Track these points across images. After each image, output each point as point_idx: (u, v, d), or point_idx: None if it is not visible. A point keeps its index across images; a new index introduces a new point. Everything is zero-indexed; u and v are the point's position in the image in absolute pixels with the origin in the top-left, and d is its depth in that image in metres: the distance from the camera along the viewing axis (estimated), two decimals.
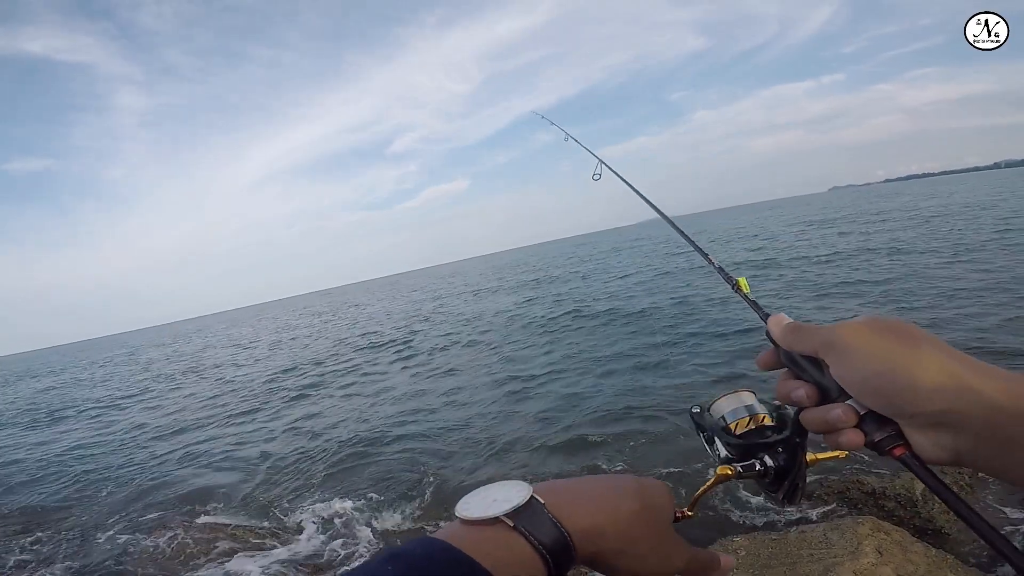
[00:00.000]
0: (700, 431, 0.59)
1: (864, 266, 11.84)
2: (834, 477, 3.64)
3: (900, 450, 0.40)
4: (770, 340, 0.51)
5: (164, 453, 8.04)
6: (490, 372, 8.91)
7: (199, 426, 9.46)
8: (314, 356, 15.32)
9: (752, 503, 3.67)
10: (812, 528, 2.81)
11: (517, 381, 7.93)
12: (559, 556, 0.40)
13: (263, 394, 11.15)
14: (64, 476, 7.78)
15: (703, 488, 0.54)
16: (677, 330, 8.97)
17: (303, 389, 10.79)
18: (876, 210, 31.57)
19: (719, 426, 0.57)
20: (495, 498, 0.42)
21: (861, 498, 3.35)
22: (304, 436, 7.47)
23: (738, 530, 3.38)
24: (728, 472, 0.52)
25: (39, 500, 6.88)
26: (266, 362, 16.57)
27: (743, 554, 2.66)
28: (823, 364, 0.44)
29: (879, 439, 0.41)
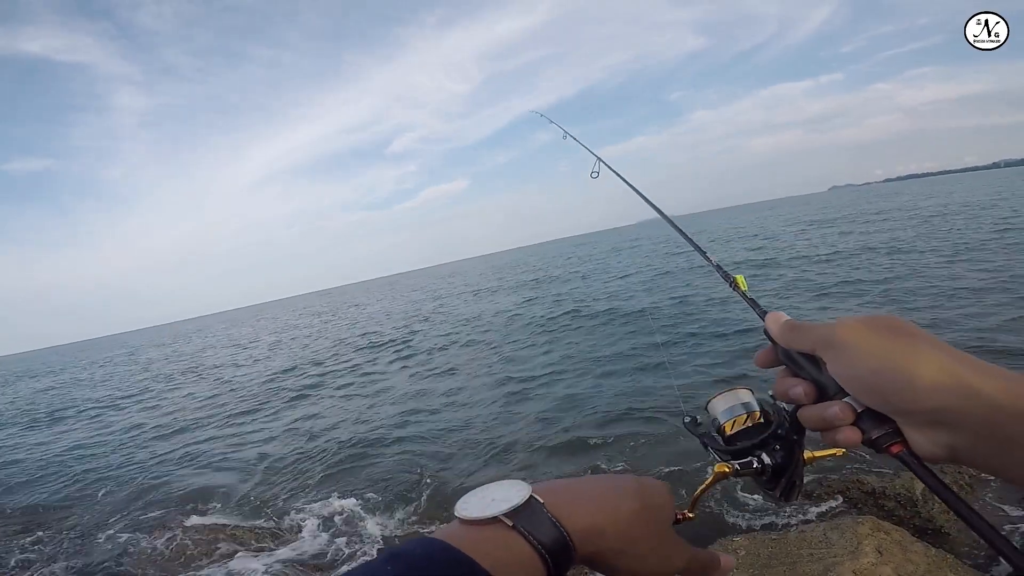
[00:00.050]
0: (696, 436, 0.59)
1: (864, 265, 11.84)
2: (834, 477, 3.64)
3: (897, 447, 0.40)
4: (768, 338, 0.51)
5: (164, 453, 8.04)
6: (490, 372, 8.91)
7: (199, 426, 9.45)
8: (314, 356, 15.32)
9: (752, 503, 3.67)
10: (812, 528, 2.81)
11: (517, 381, 7.93)
12: (558, 556, 0.40)
13: (263, 394, 11.14)
14: (64, 476, 7.78)
15: (702, 487, 0.54)
16: (677, 330, 8.97)
17: (303, 389, 10.79)
18: (876, 210, 31.59)
19: (712, 427, 0.57)
20: (494, 498, 0.42)
21: (861, 498, 3.36)
22: (304, 436, 7.46)
23: (738, 530, 3.38)
24: (726, 470, 0.52)
25: (39, 500, 6.88)
26: (266, 362, 16.57)
27: (743, 554, 2.66)
28: (821, 362, 0.44)
29: (876, 436, 0.41)
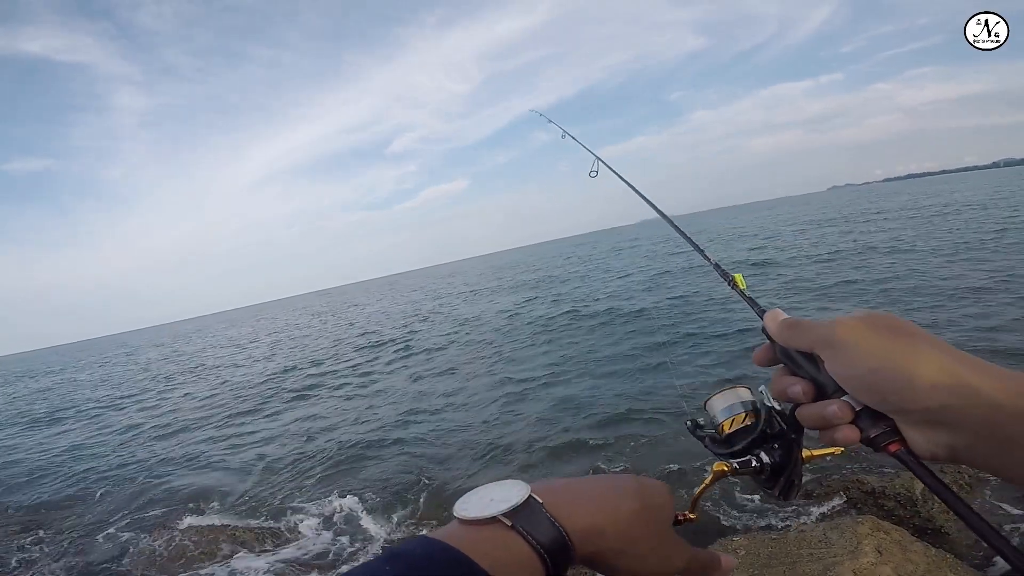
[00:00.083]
0: (697, 438, 0.59)
1: (864, 265, 11.84)
2: (834, 476, 3.65)
3: (895, 446, 0.40)
4: (766, 336, 0.51)
5: (163, 453, 8.04)
6: (489, 372, 8.91)
7: (198, 426, 9.45)
8: (313, 356, 15.31)
9: (751, 503, 3.67)
10: (812, 528, 2.81)
11: (516, 382, 7.92)
12: (557, 556, 0.40)
13: (262, 394, 11.14)
14: (64, 476, 7.79)
15: (701, 487, 0.54)
16: (677, 329, 8.97)
17: (302, 390, 10.79)
18: (876, 209, 31.60)
19: (710, 427, 0.57)
20: (493, 498, 0.42)
21: (861, 497, 3.36)
22: (303, 436, 7.46)
23: (737, 530, 3.38)
24: (724, 468, 0.52)
25: (40, 499, 6.89)
26: (265, 362, 16.57)
27: (743, 554, 2.66)
28: (819, 360, 0.44)
29: (874, 435, 0.41)
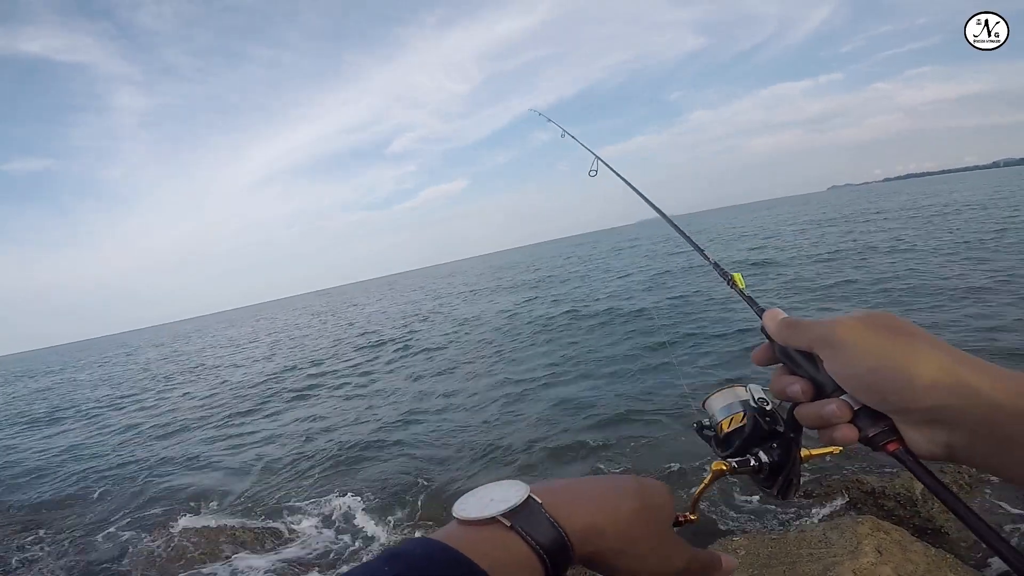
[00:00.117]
0: (704, 439, 0.60)
1: (864, 265, 11.84)
2: (834, 476, 3.64)
3: (894, 445, 0.40)
4: (765, 335, 0.51)
5: (163, 453, 8.04)
6: (489, 373, 8.90)
7: (198, 426, 9.45)
8: (313, 356, 15.31)
9: (751, 503, 3.67)
10: (812, 527, 2.81)
11: (516, 382, 7.92)
12: (556, 556, 0.40)
13: (262, 394, 11.14)
14: (64, 475, 7.79)
15: (701, 487, 0.54)
16: (677, 329, 8.97)
17: (301, 390, 10.78)
18: (876, 209, 31.60)
19: (711, 425, 0.57)
20: (492, 498, 0.42)
21: (861, 497, 3.36)
22: (303, 436, 7.46)
23: (737, 530, 3.38)
24: (723, 468, 0.52)
25: (40, 499, 6.89)
26: (265, 362, 16.56)
27: (743, 553, 2.66)
28: (818, 359, 0.44)
29: (873, 434, 0.41)
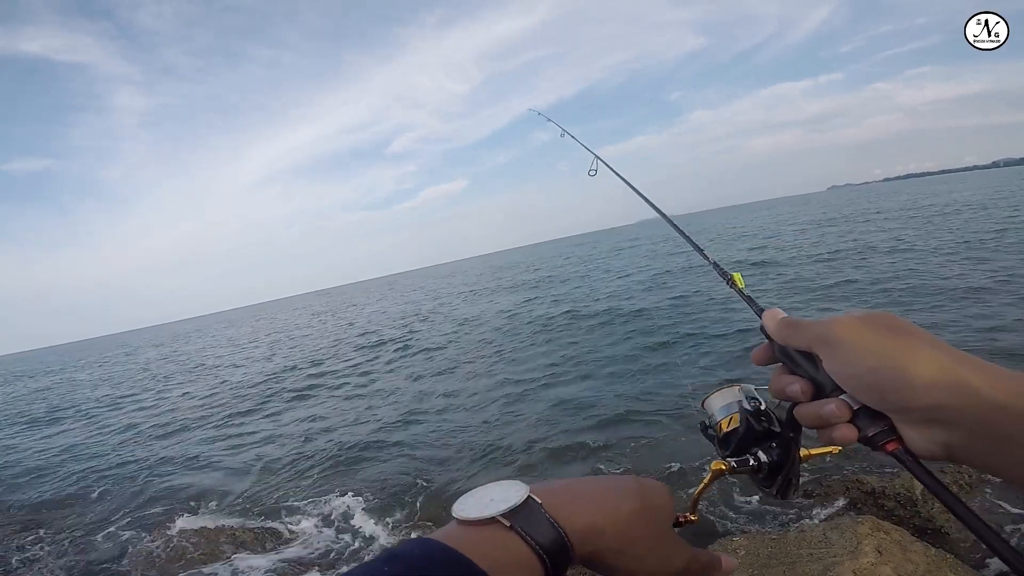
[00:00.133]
0: (708, 438, 0.60)
1: (864, 265, 11.84)
2: (834, 476, 3.64)
3: (893, 445, 0.40)
4: (765, 335, 0.51)
5: (163, 453, 8.04)
6: (489, 373, 8.90)
7: (198, 426, 9.45)
8: (312, 356, 15.30)
9: (751, 503, 3.67)
10: (812, 528, 2.81)
11: (516, 382, 7.92)
12: (556, 556, 0.40)
13: (261, 394, 11.14)
14: (64, 475, 7.79)
15: (701, 487, 0.54)
16: (677, 330, 8.97)
17: (301, 390, 10.78)
18: (876, 209, 31.59)
19: (711, 425, 0.57)
20: (492, 498, 0.42)
21: (861, 497, 3.35)
22: (302, 437, 7.46)
23: (737, 530, 3.38)
24: (722, 467, 0.52)
25: (40, 499, 6.89)
26: (264, 362, 16.56)
27: (742, 554, 2.66)
28: (817, 359, 0.44)
29: (872, 434, 0.41)
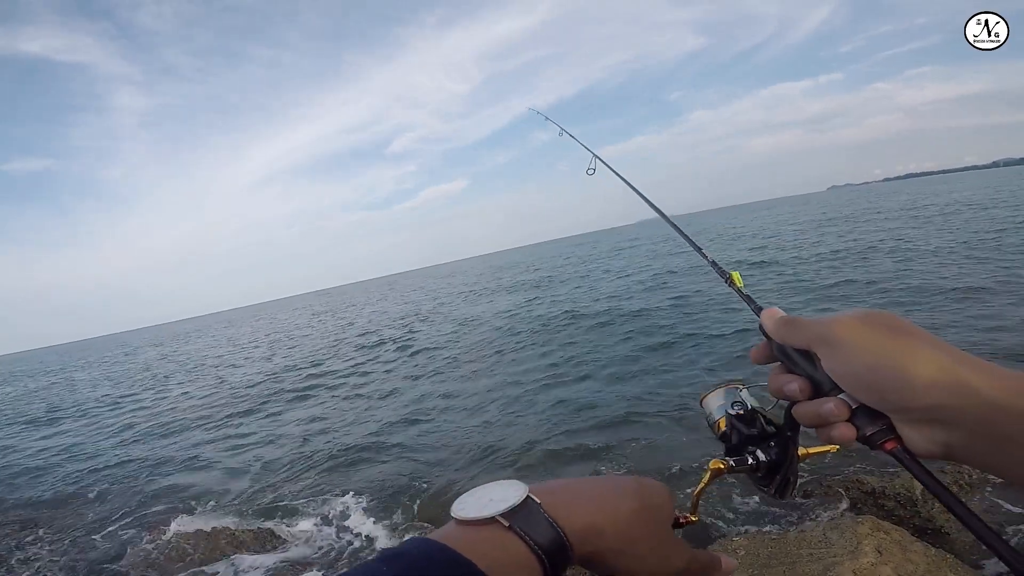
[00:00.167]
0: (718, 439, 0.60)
1: (864, 265, 11.84)
2: (834, 476, 3.64)
3: (891, 444, 0.40)
4: (763, 334, 0.51)
5: (162, 452, 8.05)
6: (489, 374, 8.89)
7: (197, 426, 9.45)
8: (312, 356, 15.30)
9: (751, 504, 3.67)
10: (812, 528, 2.80)
11: (516, 383, 7.91)
12: (555, 556, 0.40)
13: (261, 394, 11.14)
14: (63, 475, 7.79)
15: (700, 487, 0.54)
16: (677, 330, 8.96)
17: (300, 390, 10.78)
18: (876, 209, 31.59)
19: (710, 424, 0.57)
20: (491, 498, 0.42)
21: (861, 497, 3.35)
22: (301, 437, 7.46)
23: (737, 530, 3.38)
24: (721, 466, 0.52)
25: (39, 498, 6.89)
26: (264, 362, 16.56)
27: (742, 554, 2.66)
28: (816, 358, 0.44)
29: (871, 433, 0.41)
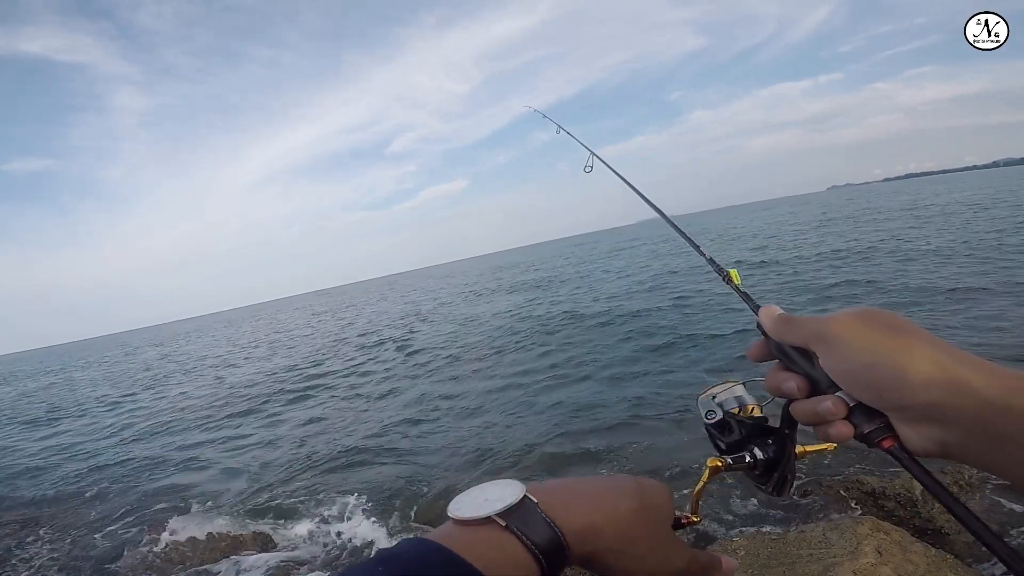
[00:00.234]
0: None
1: (864, 265, 11.84)
2: (835, 477, 3.64)
3: (888, 442, 0.40)
4: (761, 331, 0.51)
5: (161, 453, 8.05)
6: (489, 374, 8.89)
7: (196, 426, 9.46)
8: (311, 356, 15.31)
9: (750, 504, 3.67)
10: (811, 528, 2.80)
11: (516, 384, 7.91)
12: (552, 556, 0.39)
13: (260, 394, 11.13)
14: (63, 475, 7.79)
15: (699, 486, 0.54)
16: (678, 330, 8.96)
17: (299, 390, 10.78)
18: (876, 209, 31.59)
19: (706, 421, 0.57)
20: (487, 497, 0.42)
21: (861, 498, 3.35)
22: (301, 437, 7.46)
23: (737, 531, 3.38)
24: (719, 464, 0.52)
25: (39, 498, 6.89)
26: (263, 362, 16.56)
27: (742, 554, 2.66)
28: (813, 356, 0.44)
29: (868, 431, 0.41)
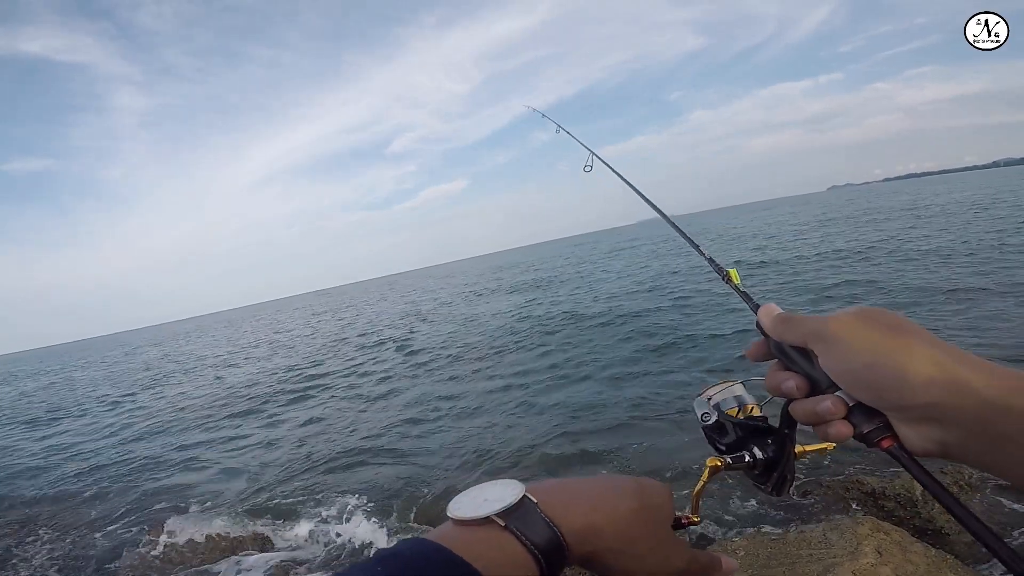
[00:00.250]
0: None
1: (864, 265, 11.84)
2: (835, 477, 3.64)
3: (888, 442, 0.40)
4: (760, 331, 0.51)
5: (161, 453, 8.05)
6: (487, 375, 8.89)
7: (196, 426, 9.45)
8: (311, 356, 15.30)
9: (750, 504, 3.67)
10: (811, 528, 2.80)
11: (516, 384, 7.90)
12: (551, 556, 0.39)
13: (260, 395, 11.13)
14: (63, 474, 7.80)
15: (699, 486, 0.54)
16: (678, 331, 8.96)
17: (299, 390, 10.78)
18: (876, 209, 31.59)
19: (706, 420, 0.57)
20: (487, 497, 0.42)
21: (861, 498, 3.35)
22: (300, 437, 7.46)
23: (737, 531, 3.38)
24: (718, 464, 0.52)
25: (38, 498, 6.89)
26: (263, 362, 16.56)
27: (742, 554, 2.66)
28: (813, 355, 0.44)
29: (867, 431, 0.41)
